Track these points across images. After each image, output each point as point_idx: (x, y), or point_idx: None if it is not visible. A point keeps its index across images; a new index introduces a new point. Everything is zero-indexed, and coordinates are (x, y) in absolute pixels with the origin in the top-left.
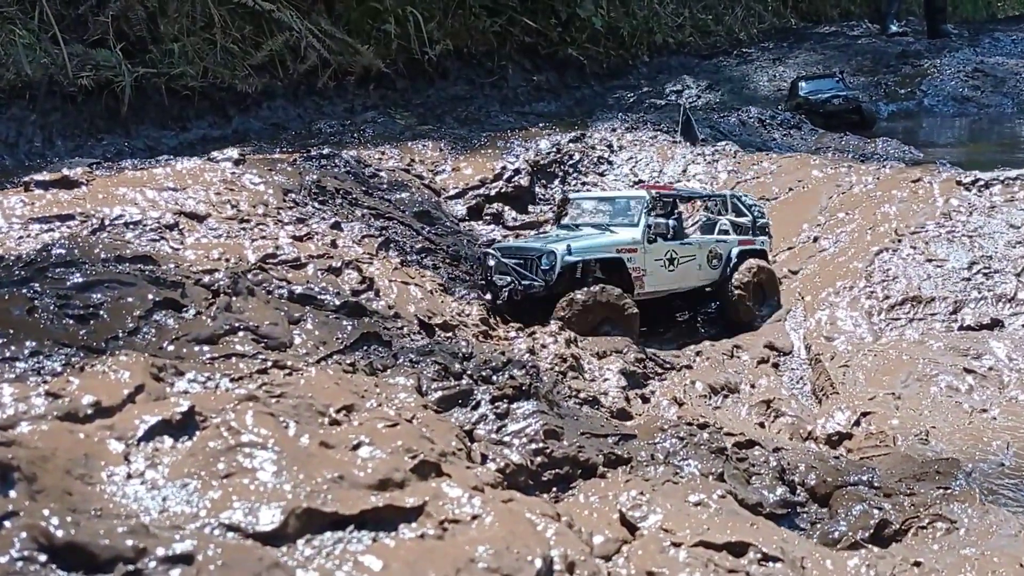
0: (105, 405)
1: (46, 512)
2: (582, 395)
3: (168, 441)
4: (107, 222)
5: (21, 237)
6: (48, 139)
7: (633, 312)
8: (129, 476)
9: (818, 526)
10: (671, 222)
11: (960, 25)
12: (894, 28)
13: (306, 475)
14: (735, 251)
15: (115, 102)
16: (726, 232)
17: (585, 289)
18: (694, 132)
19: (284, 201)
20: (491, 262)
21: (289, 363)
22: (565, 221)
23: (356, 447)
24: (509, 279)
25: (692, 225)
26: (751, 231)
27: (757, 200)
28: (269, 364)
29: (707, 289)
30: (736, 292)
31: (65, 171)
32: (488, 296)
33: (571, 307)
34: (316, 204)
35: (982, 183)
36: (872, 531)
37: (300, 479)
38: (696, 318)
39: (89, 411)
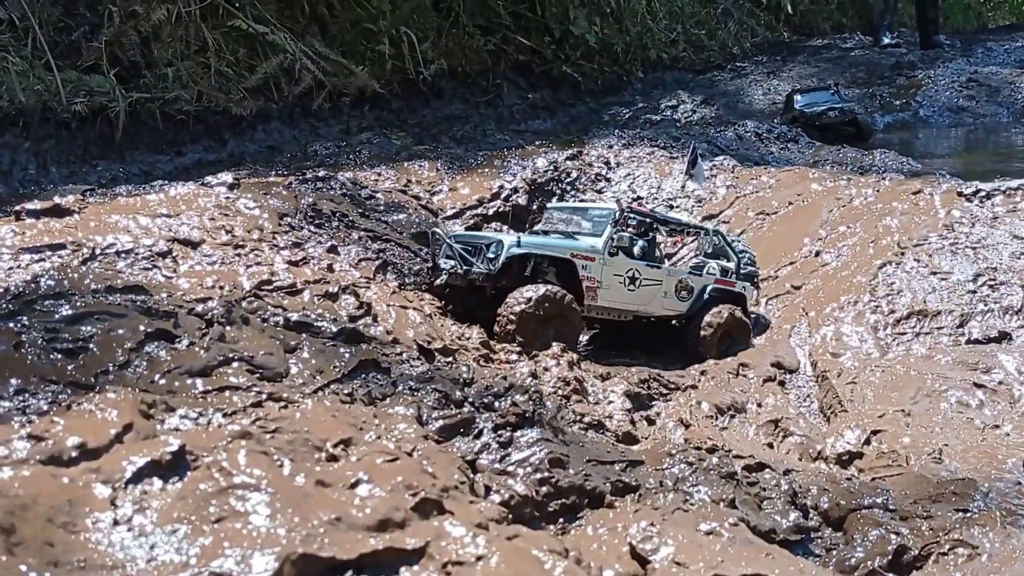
0: (91, 447)
1: (23, 568)
2: (587, 419)
3: (157, 483)
4: (98, 251)
5: (11, 268)
6: (42, 166)
7: (577, 317)
8: (115, 523)
9: (834, 552)
10: (642, 242)
11: (952, 35)
12: (887, 40)
13: (302, 517)
14: (709, 288)
15: (109, 128)
16: (712, 274)
17: (531, 285)
18: (701, 173)
19: (280, 225)
20: (439, 244)
21: (284, 395)
22: (536, 227)
23: (354, 485)
24: (453, 263)
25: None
26: (734, 275)
27: (748, 247)
28: (264, 397)
29: (673, 322)
30: (703, 331)
31: (57, 199)
32: (434, 280)
33: (520, 301)
34: (312, 228)
35: (983, 194)
36: (890, 557)
37: (295, 522)
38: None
39: (74, 453)
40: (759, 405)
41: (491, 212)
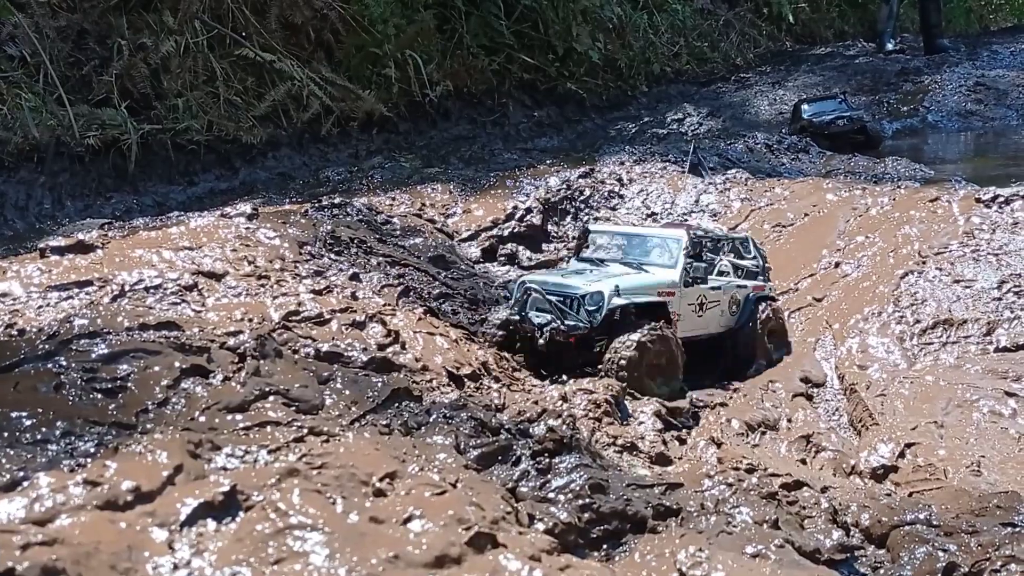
0: (145, 490)
1: None
2: (619, 441)
3: (212, 524)
4: (127, 288)
5: (41, 307)
6: (58, 200)
7: (680, 351)
8: (175, 567)
9: (880, 571)
10: (703, 265)
11: (955, 39)
12: (890, 46)
13: (360, 557)
14: (752, 297)
15: (122, 160)
16: (725, 273)
17: (642, 330)
18: (702, 168)
19: (300, 254)
20: (525, 296)
21: (325, 429)
22: (586, 254)
23: (407, 521)
24: (549, 317)
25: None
26: (760, 275)
27: (752, 238)
28: (305, 431)
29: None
30: (756, 335)
31: (80, 235)
32: (530, 336)
33: (629, 347)
34: (332, 255)
35: (1002, 199)
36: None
37: (354, 561)
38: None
39: (129, 497)
40: (789, 421)
41: (506, 233)
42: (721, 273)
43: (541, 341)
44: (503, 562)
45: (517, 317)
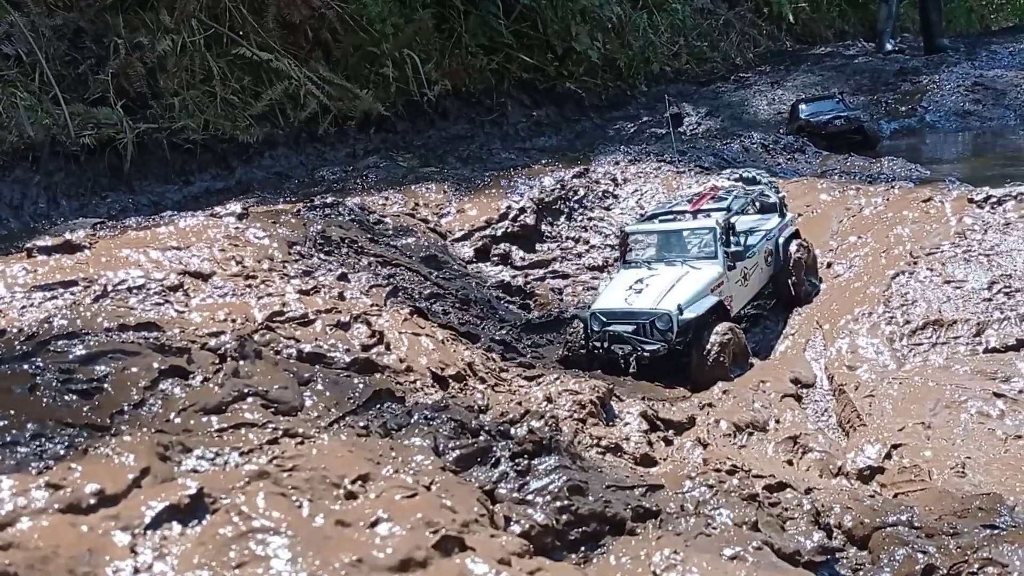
0: (109, 493)
1: None
2: (603, 442)
3: (177, 528)
4: (110, 288)
5: (24, 307)
6: (52, 199)
7: (745, 342)
8: (136, 571)
9: (860, 573)
10: (735, 239)
11: (955, 38)
12: (890, 46)
13: (323, 560)
14: (781, 240)
15: (118, 159)
16: (755, 231)
17: (720, 338)
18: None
19: (290, 254)
20: (596, 328)
21: (300, 431)
22: (630, 258)
23: (374, 524)
24: (629, 347)
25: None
26: (780, 209)
27: (761, 172)
28: (280, 433)
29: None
30: (792, 273)
31: (67, 235)
32: (593, 364)
33: (709, 352)
34: (322, 255)
35: (994, 200)
36: None
37: (316, 565)
38: None
39: (92, 501)
40: (777, 422)
41: (500, 233)
42: (752, 232)
43: (632, 369)
44: (470, 566)
45: (600, 350)
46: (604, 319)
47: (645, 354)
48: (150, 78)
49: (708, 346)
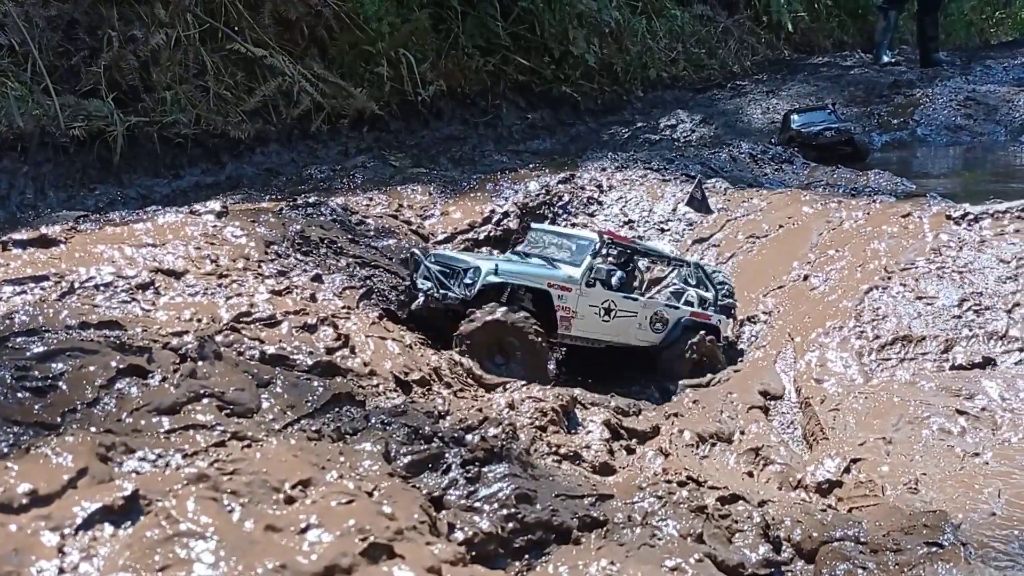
0: (42, 493)
1: None
2: (562, 450)
3: (108, 529)
4: (77, 285)
5: None
6: (40, 191)
7: (540, 345)
8: (60, 571)
9: None
10: (620, 273)
11: (953, 52)
12: (887, 58)
13: (245, 565)
14: (684, 320)
15: (107, 151)
16: (691, 304)
17: (490, 306)
18: (706, 204)
19: (266, 254)
20: (416, 264)
21: (249, 433)
22: (520, 248)
23: (304, 530)
24: (431, 285)
25: (661, 289)
26: (711, 307)
27: (728, 279)
28: (228, 436)
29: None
30: (676, 360)
31: (44, 229)
32: (411, 302)
33: (472, 322)
34: (299, 256)
35: (971, 217)
36: None
37: (239, 570)
38: None
39: (24, 500)
40: (742, 433)
41: (482, 236)
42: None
43: (415, 305)
44: (396, 573)
45: (409, 283)
46: (434, 261)
47: (436, 295)
48: (143, 71)
49: (470, 318)
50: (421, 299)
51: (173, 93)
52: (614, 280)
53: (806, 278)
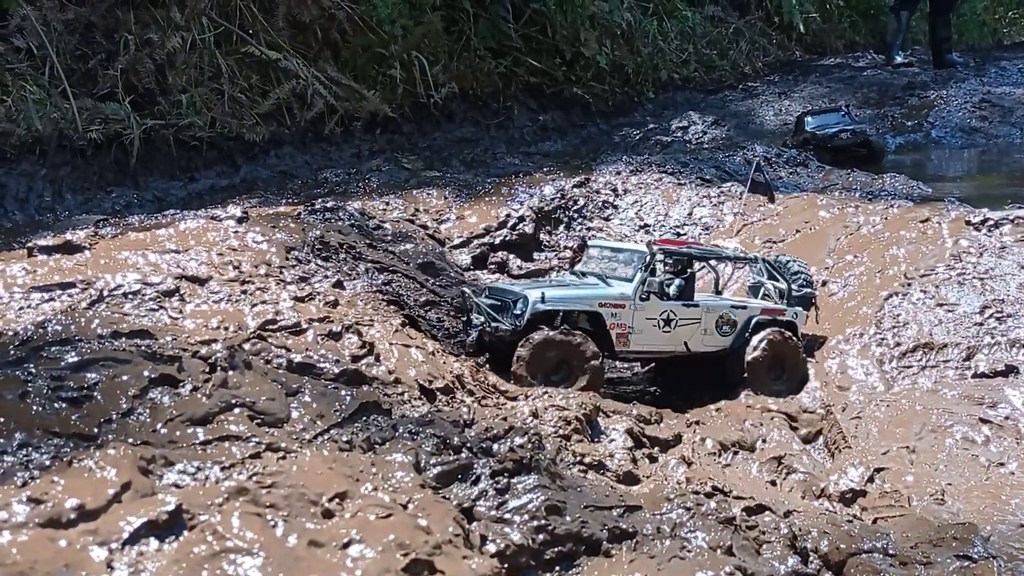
0: (89, 508)
1: None
2: (587, 460)
3: (154, 544)
4: (106, 293)
5: (22, 308)
6: (58, 193)
7: (595, 364)
8: None
9: None
10: (678, 281)
11: (966, 53)
12: (899, 59)
13: None
14: (754, 320)
15: (124, 154)
16: (768, 297)
17: (544, 329)
18: (769, 187)
19: (287, 260)
20: (467, 299)
21: (283, 444)
22: (578, 267)
23: (346, 545)
24: (483, 319)
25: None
26: (785, 299)
27: (804, 266)
28: (263, 447)
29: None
30: (746, 360)
31: (68, 235)
32: (469, 337)
33: (527, 345)
34: (319, 261)
35: (991, 223)
36: None
37: None
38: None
39: (72, 515)
40: (764, 440)
41: (498, 241)
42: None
43: (469, 341)
44: None
45: (465, 319)
46: (487, 295)
47: (488, 329)
48: (159, 74)
49: (524, 341)
50: (475, 334)
51: (189, 96)
52: (672, 289)
53: (824, 284)
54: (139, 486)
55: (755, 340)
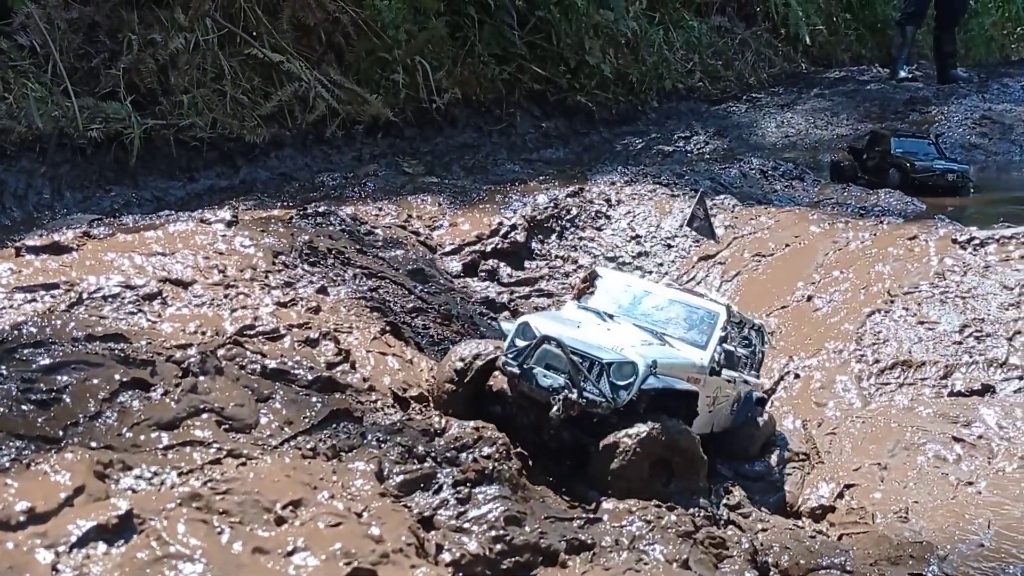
0: (40, 511)
1: None
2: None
3: (102, 548)
4: (86, 296)
5: (3, 308)
6: (57, 191)
7: (701, 457)
8: None
9: None
10: (743, 351)
11: (972, 68)
12: (904, 73)
13: None
14: (754, 397)
15: (124, 154)
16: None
17: (637, 429)
18: (709, 225)
19: (273, 264)
20: (535, 345)
21: (244, 451)
22: (590, 304)
23: (291, 553)
24: (562, 382)
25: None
26: (754, 368)
27: (761, 323)
28: (224, 453)
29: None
30: (753, 438)
31: (56, 236)
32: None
33: (623, 454)
34: (306, 266)
35: (977, 242)
36: None
37: None
38: None
39: (22, 518)
40: None
41: (489, 249)
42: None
43: (555, 411)
44: None
45: (516, 370)
46: (550, 339)
47: (579, 400)
48: (161, 75)
49: (615, 441)
50: (559, 405)
51: (190, 97)
52: (730, 363)
53: (810, 299)
54: (93, 490)
55: (759, 419)
